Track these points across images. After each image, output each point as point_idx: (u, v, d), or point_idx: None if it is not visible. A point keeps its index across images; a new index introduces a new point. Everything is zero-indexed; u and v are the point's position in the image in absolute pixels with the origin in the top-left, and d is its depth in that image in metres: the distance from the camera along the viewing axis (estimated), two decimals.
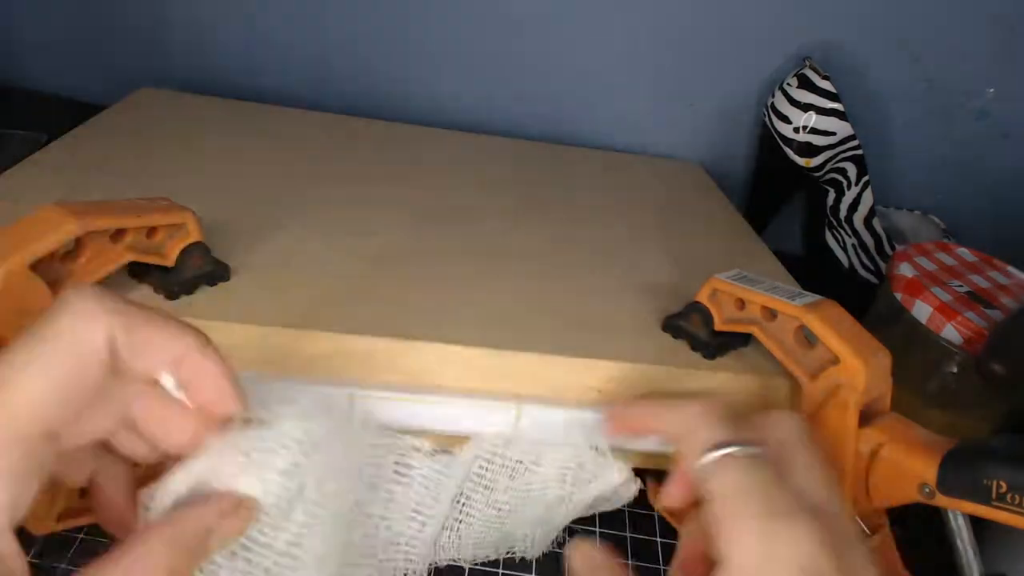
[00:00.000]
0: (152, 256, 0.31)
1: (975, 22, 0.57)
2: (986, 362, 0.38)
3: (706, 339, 0.33)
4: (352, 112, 0.62)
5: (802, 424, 0.25)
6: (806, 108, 0.54)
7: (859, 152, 0.56)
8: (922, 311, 0.42)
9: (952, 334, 0.40)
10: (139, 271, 0.31)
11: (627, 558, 0.39)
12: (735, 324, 0.33)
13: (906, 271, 0.44)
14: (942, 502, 0.27)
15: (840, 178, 0.58)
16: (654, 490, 0.32)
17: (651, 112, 0.65)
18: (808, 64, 0.55)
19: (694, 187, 0.60)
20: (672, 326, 0.34)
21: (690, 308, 0.34)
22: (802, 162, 0.56)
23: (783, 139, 0.56)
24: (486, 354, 0.31)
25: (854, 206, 0.58)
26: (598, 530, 0.40)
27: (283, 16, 0.63)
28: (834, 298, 0.31)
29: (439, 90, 0.66)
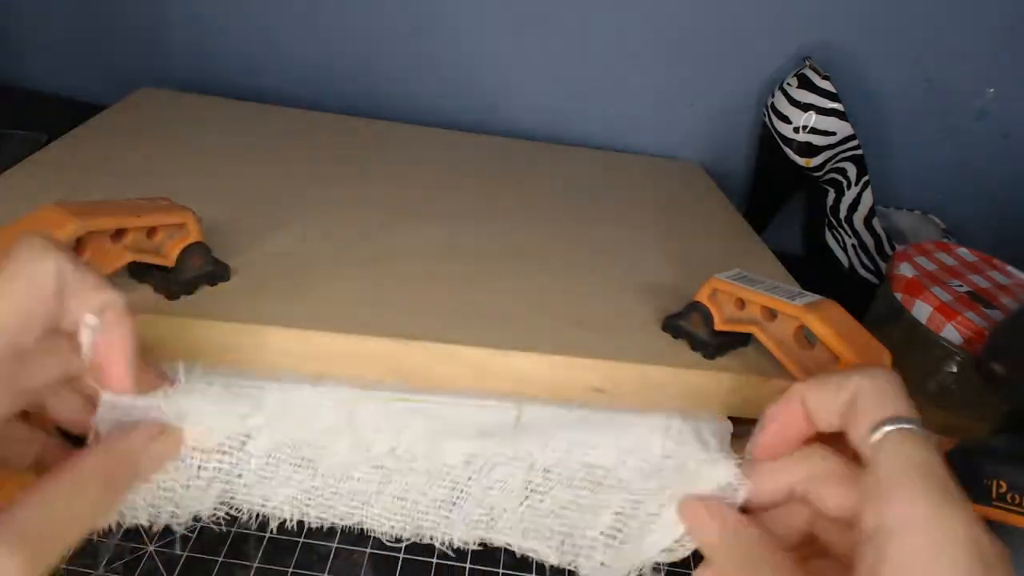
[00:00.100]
0: (152, 256, 0.31)
1: (975, 22, 0.58)
2: (986, 362, 0.38)
3: (706, 339, 0.33)
4: (352, 112, 0.62)
5: (895, 379, 0.24)
6: (806, 108, 0.54)
7: (859, 152, 0.56)
8: (922, 311, 0.42)
9: (952, 334, 0.40)
10: (139, 271, 0.31)
11: None
12: (735, 324, 0.33)
13: (906, 271, 0.44)
14: None
15: (840, 178, 0.58)
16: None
17: (651, 112, 0.65)
18: (808, 64, 0.55)
19: (694, 187, 0.60)
20: (672, 326, 0.34)
21: (690, 308, 0.34)
22: (802, 162, 0.56)
23: (783, 139, 0.56)
24: (486, 354, 0.31)
25: (854, 206, 0.58)
26: None
27: (283, 16, 0.63)
28: (834, 298, 0.31)
29: (439, 90, 0.66)
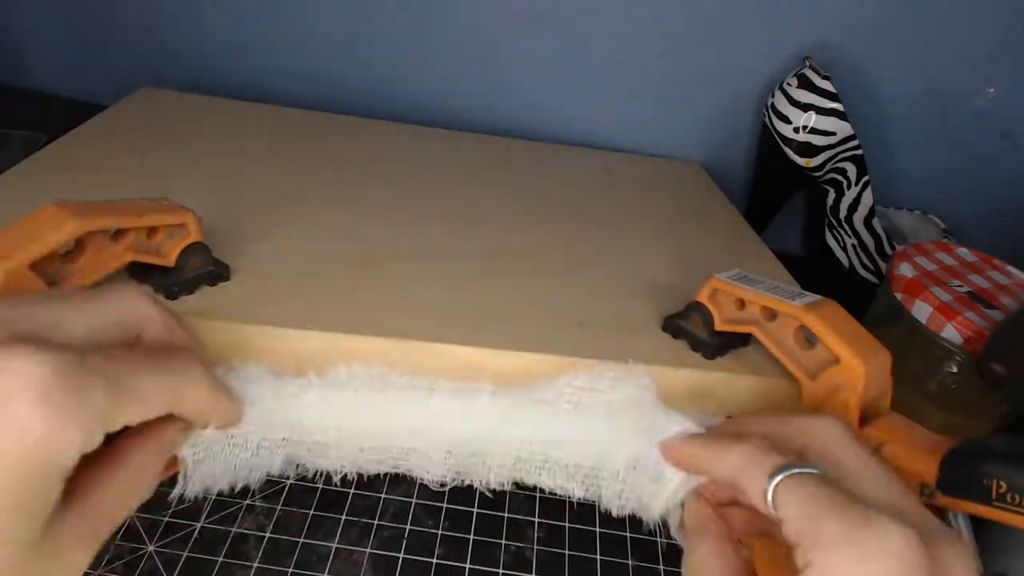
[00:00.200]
0: (152, 256, 0.31)
1: (975, 22, 0.58)
2: (986, 362, 0.38)
3: (706, 339, 0.33)
4: (352, 112, 0.62)
5: (840, 424, 0.25)
6: (806, 108, 0.54)
7: (859, 152, 0.56)
8: (922, 311, 0.42)
9: (952, 334, 0.40)
10: (139, 271, 0.31)
11: (627, 557, 0.39)
12: (735, 324, 0.33)
13: (906, 271, 0.44)
14: (942, 502, 0.27)
15: (840, 178, 0.58)
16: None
17: (651, 112, 0.65)
18: (808, 64, 0.55)
19: (694, 187, 0.60)
20: (672, 326, 0.34)
21: (690, 308, 0.34)
22: (802, 162, 0.56)
23: (783, 139, 0.56)
24: (486, 354, 0.31)
25: (854, 206, 0.58)
26: (598, 529, 0.40)
27: (283, 16, 0.63)
28: (834, 298, 0.31)
29: (439, 89, 0.66)
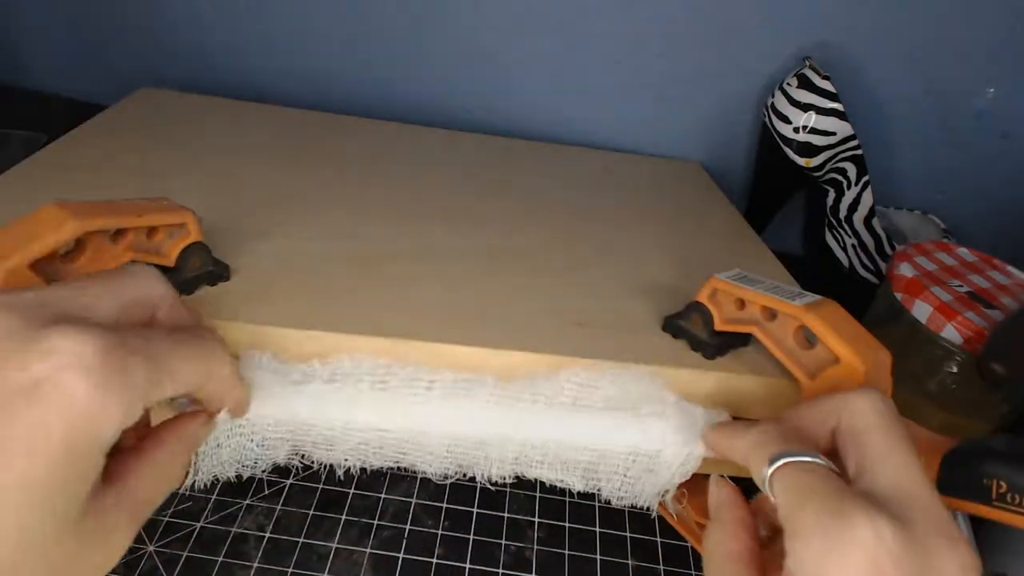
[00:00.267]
0: (152, 256, 0.31)
1: (974, 22, 0.58)
2: (986, 362, 0.38)
3: (706, 339, 0.33)
4: (352, 112, 0.62)
5: (878, 404, 0.25)
6: (806, 108, 0.54)
7: (859, 152, 0.56)
8: (922, 311, 0.42)
9: (952, 334, 0.40)
10: None
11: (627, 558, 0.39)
12: (735, 324, 0.33)
13: (906, 271, 0.44)
14: (942, 502, 0.27)
15: (840, 178, 0.58)
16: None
17: (651, 112, 0.65)
18: (808, 64, 0.55)
19: (694, 187, 0.60)
20: (672, 326, 0.34)
21: (690, 308, 0.34)
22: (802, 162, 0.56)
23: (783, 139, 0.56)
24: (485, 353, 0.31)
25: (854, 206, 0.58)
26: (598, 529, 0.40)
27: (283, 16, 0.63)
28: (834, 298, 0.31)
29: (439, 89, 0.66)
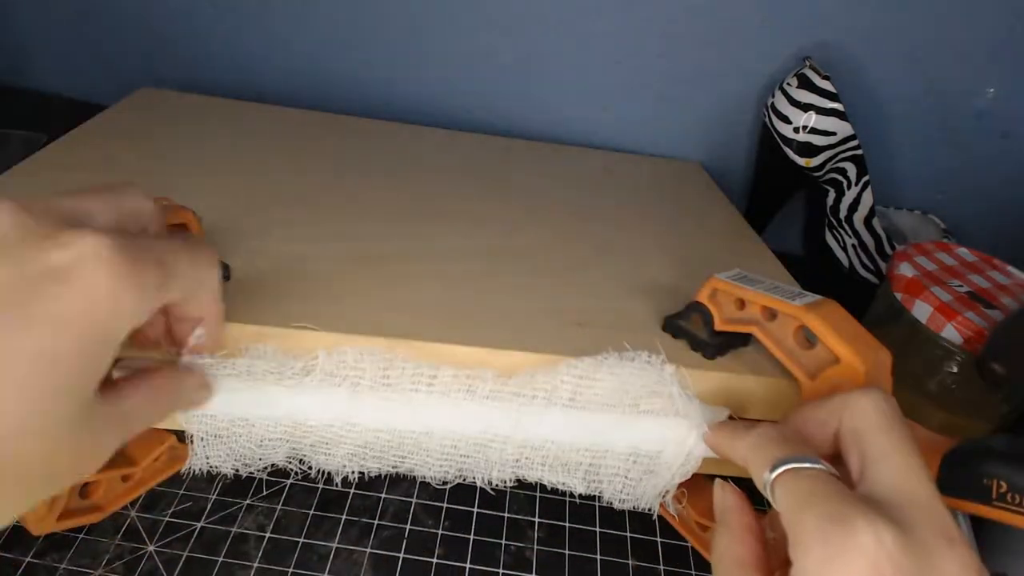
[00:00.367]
0: None
1: (974, 22, 0.58)
2: (986, 362, 0.38)
3: (706, 339, 0.33)
4: (352, 112, 0.62)
5: (879, 404, 0.24)
6: (806, 108, 0.54)
7: (859, 152, 0.56)
8: (922, 311, 0.42)
9: (952, 334, 0.40)
10: None
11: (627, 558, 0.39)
12: (735, 324, 0.33)
13: (906, 271, 0.44)
14: (944, 502, 0.27)
15: (840, 178, 0.58)
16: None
17: (651, 112, 0.65)
18: (808, 64, 0.55)
19: (694, 187, 0.60)
20: (672, 326, 0.34)
21: (690, 308, 0.34)
22: (802, 162, 0.56)
23: (783, 139, 0.56)
24: (485, 353, 0.31)
25: (854, 206, 0.58)
26: (598, 529, 0.40)
27: (283, 16, 0.63)
28: (834, 298, 0.31)
29: (439, 89, 0.66)
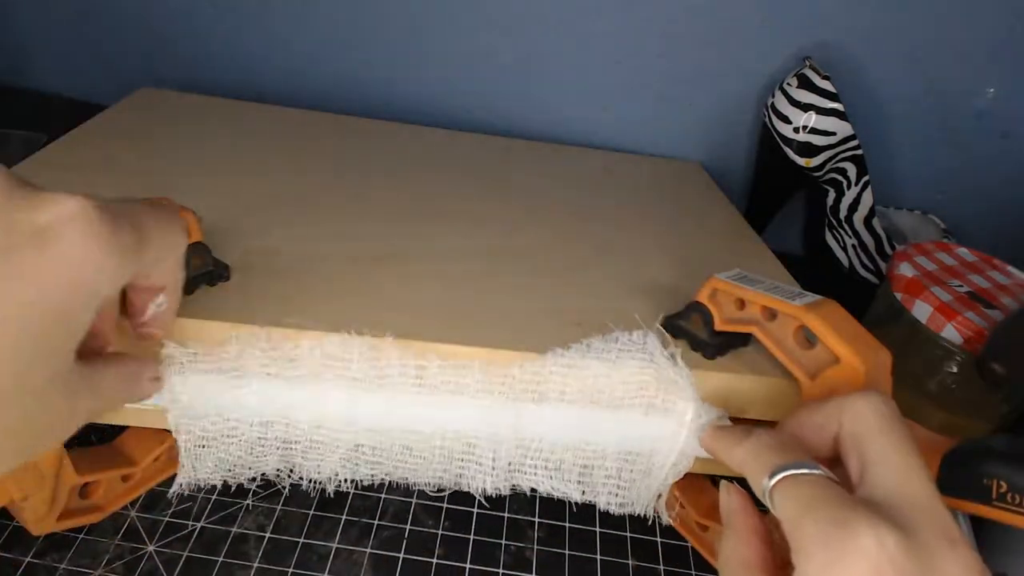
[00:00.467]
0: None
1: (974, 22, 0.58)
2: (986, 362, 0.38)
3: (706, 339, 0.33)
4: (352, 112, 0.62)
5: (877, 407, 0.24)
6: (806, 108, 0.54)
7: (859, 152, 0.56)
8: (922, 311, 0.42)
9: (952, 334, 0.40)
10: None
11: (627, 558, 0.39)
12: (735, 324, 0.33)
13: (906, 271, 0.44)
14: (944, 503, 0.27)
15: (840, 178, 0.58)
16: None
17: (651, 112, 0.65)
18: (808, 64, 0.55)
19: (694, 187, 0.60)
20: (672, 326, 0.34)
21: (690, 308, 0.34)
22: (802, 162, 0.56)
23: (783, 139, 0.56)
24: (485, 353, 0.31)
25: (854, 206, 0.58)
26: (598, 529, 0.40)
27: (283, 16, 0.63)
28: (834, 298, 0.31)
29: (439, 89, 0.66)
